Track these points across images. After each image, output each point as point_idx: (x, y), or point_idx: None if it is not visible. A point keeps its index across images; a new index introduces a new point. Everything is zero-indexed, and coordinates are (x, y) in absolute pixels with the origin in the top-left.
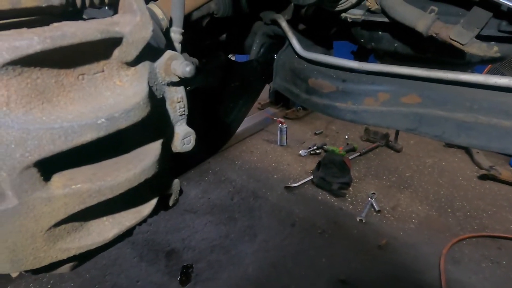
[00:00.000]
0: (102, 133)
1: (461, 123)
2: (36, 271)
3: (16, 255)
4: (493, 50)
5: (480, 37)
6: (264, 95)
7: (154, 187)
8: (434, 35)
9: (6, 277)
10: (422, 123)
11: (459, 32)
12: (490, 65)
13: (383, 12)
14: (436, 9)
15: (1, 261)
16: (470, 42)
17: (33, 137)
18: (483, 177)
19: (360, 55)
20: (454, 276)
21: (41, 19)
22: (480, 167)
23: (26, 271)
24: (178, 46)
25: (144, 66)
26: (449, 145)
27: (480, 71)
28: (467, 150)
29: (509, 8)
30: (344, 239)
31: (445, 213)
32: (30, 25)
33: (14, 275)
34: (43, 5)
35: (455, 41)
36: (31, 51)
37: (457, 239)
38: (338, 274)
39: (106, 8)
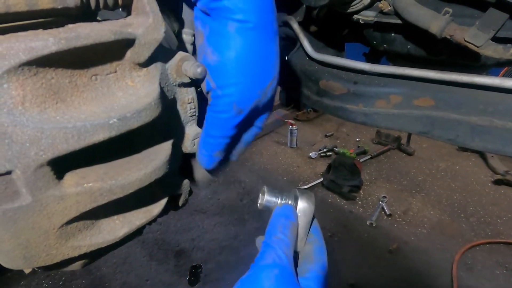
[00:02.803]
0: (114, 133)
1: (476, 126)
2: (48, 268)
3: (29, 251)
4: (509, 52)
5: (496, 39)
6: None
7: (164, 187)
8: (449, 37)
9: (19, 273)
10: (435, 126)
11: (474, 34)
12: (506, 67)
13: (396, 13)
14: (450, 10)
15: (14, 257)
16: (485, 44)
17: (47, 136)
18: (497, 182)
19: (372, 57)
20: (466, 283)
21: (57, 21)
22: (495, 172)
23: (38, 268)
24: (189, 47)
25: (156, 67)
26: (462, 149)
27: (496, 74)
28: (481, 154)
29: None
30: (354, 243)
31: (458, 218)
32: (45, 26)
33: (27, 271)
34: (59, 7)
35: (470, 43)
36: (46, 52)
37: (470, 245)
38: (347, 278)
39: (120, 9)
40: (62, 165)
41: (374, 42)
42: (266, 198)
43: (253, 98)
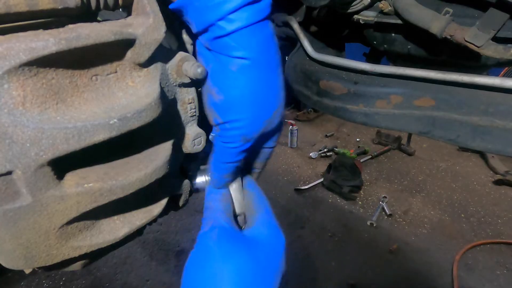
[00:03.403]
0: (114, 133)
1: (476, 126)
2: (48, 268)
3: (29, 251)
4: (509, 52)
5: (496, 39)
6: None
7: (164, 187)
8: (449, 37)
9: (19, 273)
10: (435, 127)
11: (475, 34)
12: (506, 67)
13: (397, 14)
14: (451, 10)
15: (15, 257)
16: (485, 44)
17: (48, 136)
18: (498, 182)
19: (372, 57)
20: (467, 283)
21: (57, 21)
22: (496, 172)
23: (39, 268)
24: (189, 47)
25: (156, 67)
26: (463, 149)
27: (496, 74)
28: (482, 154)
29: None
30: (354, 243)
31: (459, 218)
32: (46, 26)
33: (27, 271)
34: (59, 7)
35: (470, 43)
36: (46, 52)
37: (470, 245)
38: (347, 278)
39: (120, 10)
40: (62, 165)
41: (375, 42)
42: (194, 182)
43: (260, 128)
